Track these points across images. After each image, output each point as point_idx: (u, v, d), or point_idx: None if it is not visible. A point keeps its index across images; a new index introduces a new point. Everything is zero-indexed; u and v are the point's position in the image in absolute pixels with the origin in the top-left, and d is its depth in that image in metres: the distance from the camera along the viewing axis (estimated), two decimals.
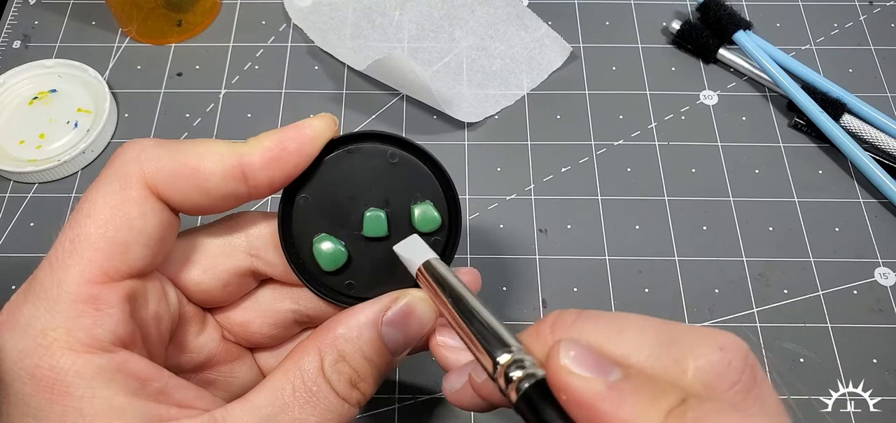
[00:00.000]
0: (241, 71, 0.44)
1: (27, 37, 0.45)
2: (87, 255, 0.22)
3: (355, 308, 0.26)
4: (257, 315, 0.28)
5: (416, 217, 0.27)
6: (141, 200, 0.23)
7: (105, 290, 0.22)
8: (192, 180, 0.23)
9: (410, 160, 0.26)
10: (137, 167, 0.23)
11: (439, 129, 0.42)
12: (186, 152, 0.23)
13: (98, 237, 0.22)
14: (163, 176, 0.23)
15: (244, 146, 0.24)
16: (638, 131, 0.42)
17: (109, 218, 0.22)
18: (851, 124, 0.41)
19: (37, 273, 0.22)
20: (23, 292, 0.22)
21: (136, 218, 0.22)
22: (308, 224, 0.26)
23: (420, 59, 0.44)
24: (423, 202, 0.27)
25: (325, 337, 0.25)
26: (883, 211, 0.39)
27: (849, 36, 0.45)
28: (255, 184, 0.24)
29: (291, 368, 0.24)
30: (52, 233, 0.38)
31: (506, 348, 0.21)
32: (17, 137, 0.41)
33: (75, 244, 0.22)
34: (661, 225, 0.38)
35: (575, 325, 0.21)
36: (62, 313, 0.21)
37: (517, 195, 0.39)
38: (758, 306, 0.36)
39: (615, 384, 0.18)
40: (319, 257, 0.26)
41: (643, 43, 0.45)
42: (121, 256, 0.22)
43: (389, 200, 0.27)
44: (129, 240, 0.22)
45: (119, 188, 0.23)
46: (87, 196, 0.23)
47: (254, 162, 0.24)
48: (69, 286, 0.21)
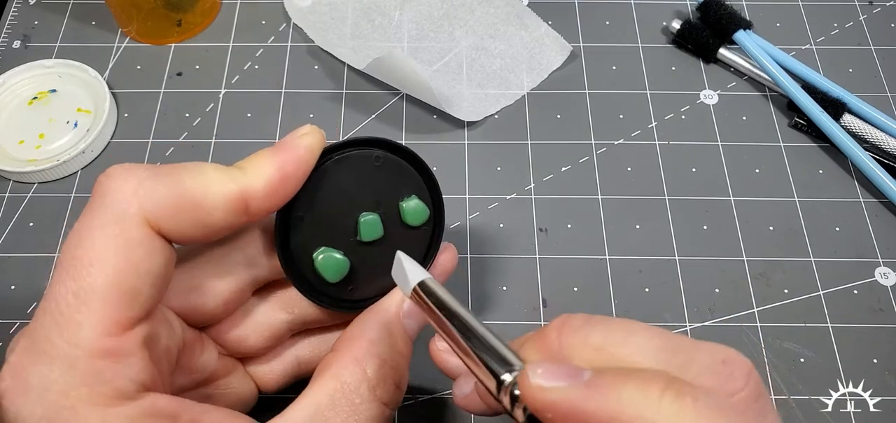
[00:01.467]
0: (240, 71, 0.44)
1: (27, 37, 0.45)
2: (97, 307, 0.20)
3: (373, 311, 0.26)
4: (253, 330, 0.28)
5: (407, 213, 0.27)
6: (145, 240, 0.21)
7: (122, 340, 0.21)
8: (194, 216, 0.22)
9: (393, 159, 0.27)
10: (137, 204, 0.21)
11: (439, 128, 0.42)
12: (186, 185, 0.22)
13: (106, 288, 0.20)
14: (164, 213, 0.22)
15: (243, 175, 0.23)
16: (638, 131, 0.42)
17: (116, 266, 0.21)
18: (852, 124, 0.41)
19: (37, 331, 0.20)
20: (26, 351, 0.20)
21: (143, 260, 0.21)
22: (306, 240, 0.26)
23: (420, 58, 0.44)
24: (409, 198, 0.27)
25: (359, 347, 0.25)
26: (883, 211, 0.39)
27: (849, 36, 0.45)
28: (256, 212, 0.24)
29: (329, 381, 0.24)
30: (47, 235, 0.38)
31: (508, 367, 0.20)
32: (16, 136, 0.41)
33: (81, 298, 0.20)
34: (662, 224, 0.38)
35: (582, 330, 0.21)
36: (81, 371, 0.20)
37: (517, 195, 0.39)
38: (758, 306, 0.36)
39: (592, 382, 0.18)
40: (324, 270, 0.26)
41: (643, 42, 0.45)
42: (131, 303, 0.21)
43: (379, 201, 0.27)
44: (138, 285, 0.21)
45: (119, 231, 0.21)
46: (81, 240, 0.21)
47: (257, 192, 0.23)
48: (84, 343, 0.20)
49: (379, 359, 0.25)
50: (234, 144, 0.41)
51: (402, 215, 0.27)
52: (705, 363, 0.19)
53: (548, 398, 0.18)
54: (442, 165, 0.40)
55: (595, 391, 0.18)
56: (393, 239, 0.27)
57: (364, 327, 0.25)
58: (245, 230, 0.27)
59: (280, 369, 0.29)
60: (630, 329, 0.20)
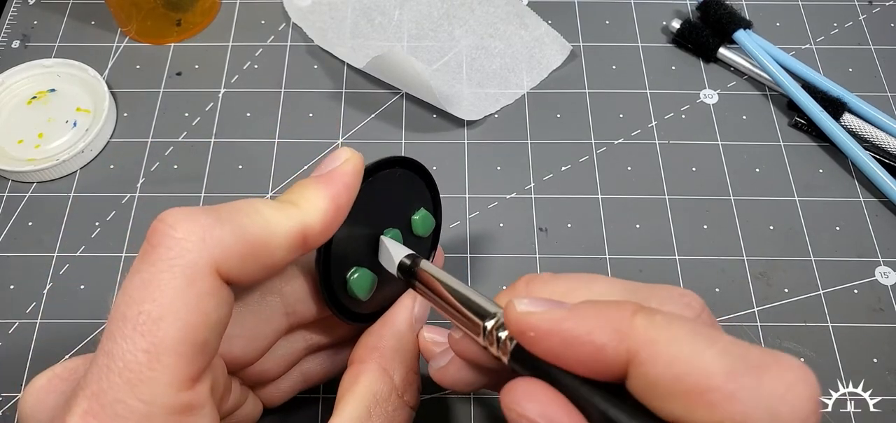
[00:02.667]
0: (240, 70, 0.44)
1: (26, 36, 0.45)
2: (170, 362, 0.19)
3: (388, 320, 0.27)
4: (275, 362, 0.28)
5: (417, 225, 0.29)
6: (215, 291, 0.20)
7: (194, 394, 0.20)
8: (261, 259, 0.22)
9: (408, 175, 0.28)
10: (207, 254, 0.20)
11: (439, 127, 0.42)
12: (250, 229, 0.21)
13: (180, 342, 0.19)
14: (232, 260, 0.21)
15: (299, 212, 0.23)
16: (638, 130, 0.42)
17: (189, 320, 0.20)
18: (852, 123, 0.41)
19: (105, 390, 0.19)
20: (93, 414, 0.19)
21: (212, 311, 0.20)
22: (340, 264, 0.27)
23: (420, 57, 0.44)
24: (420, 210, 0.29)
25: (383, 356, 0.26)
26: (883, 210, 0.39)
27: (849, 35, 0.45)
28: (313, 246, 0.23)
29: (363, 393, 0.24)
30: (46, 234, 0.38)
31: (490, 315, 0.22)
32: (15, 136, 0.40)
33: (153, 355, 0.19)
34: (662, 224, 0.38)
35: (549, 282, 0.23)
36: None
37: (517, 194, 0.39)
38: (758, 306, 0.36)
39: (574, 306, 0.20)
40: (358, 289, 0.27)
41: (643, 42, 0.45)
42: (203, 354, 0.20)
43: (397, 216, 0.28)
44: (208, 337, 0.20)
45: (190, 283, 0.20)
46: (147, 293, 0.20)
47: (315, 227, 0.23)
48: (160, 400, 0.19)
49: (403, 366, 0.26)
50: (233, 144, 0.41)
51: (413, 227, 0.29)
52: (664, 296, 0.21)
53: (531, 320, 0.20)
54: (442, 165, 0.40)
55: (574, 312, 0.19)
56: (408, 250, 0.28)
57: (381, 337, 0.26)
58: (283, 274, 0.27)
59: (287, 386, 0.29)
60: (592, 279, 0.22)
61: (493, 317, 0.22)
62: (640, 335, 0.18)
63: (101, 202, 0.39)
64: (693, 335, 0.18)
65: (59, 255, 0.37)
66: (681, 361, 0.17)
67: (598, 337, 0.18)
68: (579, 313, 0.19)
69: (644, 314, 0.18)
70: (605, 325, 0.18)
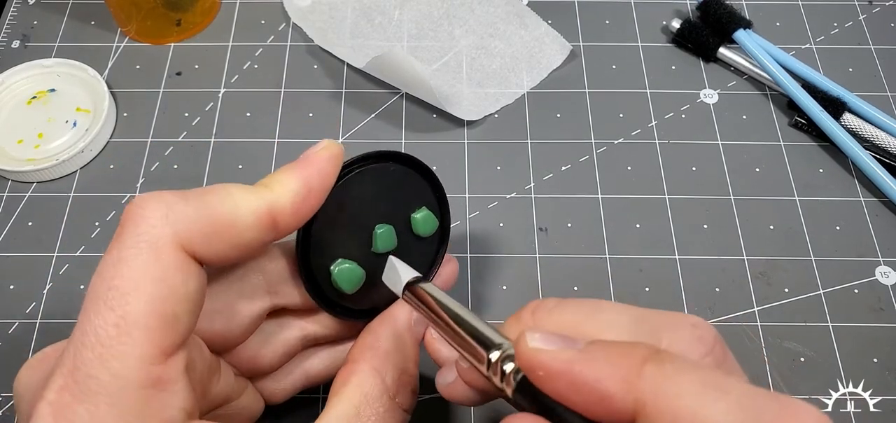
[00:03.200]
0: (240, 70, 0.44)
1: (26, 36, 0.45)
2: (140, 336, 0.20)
3: (384, 321, 0.27)
4: (267, 349, 0.28)
5: (418, 224, 0.28)
6: (180, 265, 0.21)
7: (165, 368, 0.20)
8: (227, 237, 0.22)
9: (406, 172, 0.27)
10: (170, 230, 0.21)
11: (439, 127, 0.42)
12: (215, 208, 0.22)
13: (148, 315, 0.20)
14: (197, 236, 0.21)
15: (270, 192, 0.23)
16: (638, 130, 0.42)
17: (155, 292, 0.20)
18: (852, 123, 0.41)
19: (79, 365, 0.20)
20: (68, 390, 0.20)
21: (179, 285, 0.21)
22: (324, 253, 0.27)
23: (420, 57, 0.44)
24: (421, 209, 0.28)
25: (376, 357, 0.25)
26: (883, 210, 0.39)
27: (848, 35, 0.45)
28: (284, 229, 0.24)
29: (353, 394, 0.24)
30: (46, 234, 0.38)
31: (495, 346, 0.22)
32: (15, 136, 0.40)
33: (122, 328, 0.20)
34: (662, 224, 0.38)
35: (555, 310, 0.22)
36: (129, 405, 0.20)
37: (517, 194, 0.39)
38: (758, 305, 0.36)
39: (585, 348, 0.19)
40: (341, 281, 0.27)
41: (643, 41, 0.45)
42: (172, 328, 0.21)
43: (392, 212, 0.28)
44: (178, 310, 0.21)
45: (155, 257, 0.20)
46: (116, 270, 0.20)
47: (285, 209, 0.23)
48: (129, 374, 0.20)
49: (396, 368, 0.25)
50: (233, 144, 0.41)
51: (413, 226, 0.28)
52: (675, 326, 0.21)
53: (542, 358, 0.19)
54: (442, 165, 0.40)
55: (585, 355, 0.19)
56: (404, 249, 0.28)
57: (378, 337, 0.26)
58: (264, 252, 0.27)
59: (289, 383, 0.29)
60: (599, 307, 0.22)
61: (498, 348, 0.22)
62: (649, 387, 0.17)
63: (101, 202, 0.39)
64: (702, 388, 0.17)
65: (58, 255, 0.37)
66: (687, 419, 0.17)
67: (606, 385, 0.18)
68: (590, 356, 0.19)
69: (654, 364, 0.18)
70: (615, 373, 0.18)
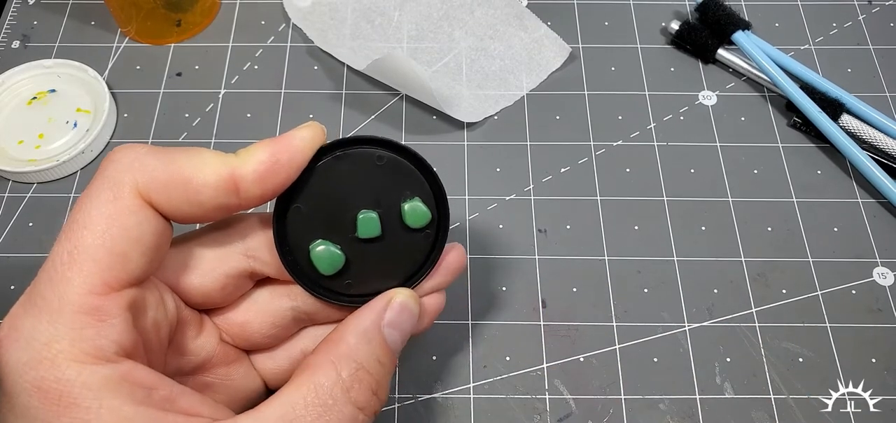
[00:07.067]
0: (240, 71, 0.44)
1: (26, 37, 0.45)
2: (87, 266, 0.22)
3: (355, 317, 0.26)
4: (256, 315, 0.28)
5: (407, 214, 0.27)
6: (135, 208, 0.23)
7: (107, 300, 0.22)
8: (185, 192, 0.24)
9: (397, 161, 0.27)
10: (131, 176, 0.23)
11: (439, 129, 0.42)
12: (179, 163, 0.24)
13: (97, 248, 0.22)
14: (155, 186, 0.23)
15: (236, 159, 0.24)
16: (637, 132, 0.42)
17: (106, 228, 0.22)
18: (850, 124, 0.41)
19: (36, 285, 0.22)
20: (22, 304, 0.22)
21: (133, 227, 0.23)
22: (303, 231, 0.27)
23: (419, 59, 0.44)
24: (411, 199, 0.27)
25: (337, 350, 0.25)
26: (882, 211, 0.39)
27: (848, 36, 0.46)
28: (247, 196, 0.24)
29: (304, 382, 0.24)
30: (46, 235, 0.38)
31: None
32: (16, 137, 0.41)
33: (74, 256, 0.22)
34: (660, 225, 0.38)
35: None
36: (65, 325, 0.21)
37: (516, 195, 0.39)
38: (756, 306, 0.36)
39: None
40: (318, 262, 0.27)
41: (642, 43, 0.45)
42: (120, 265, 0.22)
43: (380, 200, 0.27)
44: (127, 249, 0.22)
45: (113, 198, 0.23)
46: (80, 205, 0.23)
47: (246, 175, 0.24)
48: (71, 298, 0.21)
49: (355, 363, 0.25)
50: (233, 145, 0.41)
51: (402, 217, 0.27)
52: None
53: None
54: (441, 166, 0.40)
55: None
56: (392, 239, 0.27)
57: (344, 332, 0.26)
58: (246, 221, 0.27)
59: (287, 363, 0.29)
60: None
61: None
62: None
63: None
64: None
65: None
66: None
67: None
68: None
69: None
70: None
